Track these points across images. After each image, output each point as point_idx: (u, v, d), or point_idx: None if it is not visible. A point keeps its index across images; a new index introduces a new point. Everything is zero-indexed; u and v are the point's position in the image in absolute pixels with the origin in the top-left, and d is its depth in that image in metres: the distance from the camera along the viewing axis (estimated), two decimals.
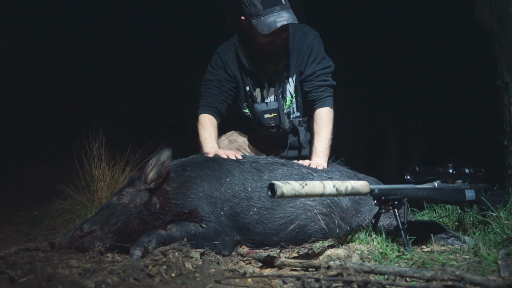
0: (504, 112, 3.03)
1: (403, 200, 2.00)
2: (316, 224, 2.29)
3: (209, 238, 2.08)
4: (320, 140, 2.74)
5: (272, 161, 2.44)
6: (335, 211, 2.33)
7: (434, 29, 5.83)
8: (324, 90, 2.84)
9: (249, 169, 2.33)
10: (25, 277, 1.39)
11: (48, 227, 3.38)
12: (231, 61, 2.81)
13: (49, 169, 5.31)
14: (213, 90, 2.81)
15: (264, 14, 2.52)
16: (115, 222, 2.07)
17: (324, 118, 2.80)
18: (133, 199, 2.13)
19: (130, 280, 1.39)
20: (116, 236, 2.04)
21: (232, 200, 2.20)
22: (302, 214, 2.28)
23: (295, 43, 2.80)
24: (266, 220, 2.23)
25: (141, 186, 2.16)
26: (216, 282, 1.48)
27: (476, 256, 1.79)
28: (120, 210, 2.11)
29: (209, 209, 2.13)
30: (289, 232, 2.26)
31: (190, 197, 2.14)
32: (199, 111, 2.79)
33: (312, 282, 1.46)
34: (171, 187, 2.17)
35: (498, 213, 2.07)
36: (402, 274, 1.43)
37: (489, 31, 3.07)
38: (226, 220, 2.16)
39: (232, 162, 2.36)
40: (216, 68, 2.83)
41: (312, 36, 2.84)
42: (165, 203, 2.14)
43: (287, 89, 2.85)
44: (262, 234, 2.23)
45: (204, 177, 2.22)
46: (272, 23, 2.50)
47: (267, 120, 2.78)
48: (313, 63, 2.83)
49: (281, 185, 1.64)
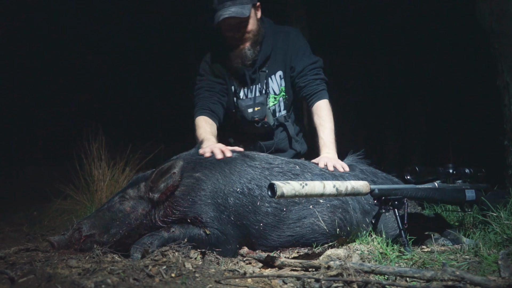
0: (504, 112, 3.04)
1: (403, 200, 2.00)
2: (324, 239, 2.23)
3: (211, 244, 2.03)
4: (325, 131, 2.72)
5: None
6: (345, 230, 2.23)
7: (434, 29, 5.83)
8: (319, 83, 2.86)
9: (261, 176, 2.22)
10: (25, 277, 1.39)
11: (48, 227, 3.38)
12: (218, 63, 2.89)
13: (49, 169, 5.31)
14: (204, 94, 2.86)
15: (218, 9, 2.67)
16: (115, 233, 2.01)
17: (325, 109, 2.80)
18: (135, 208, 2.06)
19: (130, 280, 1.39)
20: (114, 244, 1.99)
21: (238, 211, 2.11)
22: (309, 234, 2.21)
23: (276, 42, 2.87)
24: (270, 236, 2.16)
25: (146, 193, 2.07)
26: (216, 282, 1.48)
27: (477, 256, 1.79)
28: (121, 219, 2.03)
29: (215, 216, 2.06)
30: (292, 244, 2.21)
31: (197, 203, 2.06)
32: (194, 116, 2.82)
33: (312, 282, 1.46)
34: (178, 191, 2.08)
35: (498, 213, 2.07)
36: (402, 274, 1.43)
37: (489, 31, 3.08)
38: (232, 229, 2.09)
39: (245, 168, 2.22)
40: (204, 74, 2.91)
41: (294, 33, 2.93)
42: (170, 209, 2.06)
43: (270, 86, 2.89)
44: (266, 246, 2.18)
45: (214, 181, 2.13)
46: (218, 16, 2.66)
47: (250, 115, 2.83)
48: (303, 58, 2.88)
49: (281, 185, 1.64)
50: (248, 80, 2.85)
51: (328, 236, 2.20)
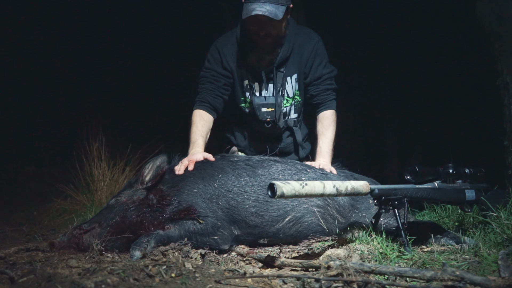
0: (504, 112, 3.03)
1: (403, 200, 2.00)
2: (313, 215, 2.30)
3: (208, 233, 2.11)
4: (325, 140, 2.80)
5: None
6: (331, 204, 2.36)
7: (434, 29, 5.83)
8: (330, 93, 2.89)
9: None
10: (25, 277, 1.39)
11: (48, 227, 3.38)
12: (229, 54, 2.80)
13: (49, 169, 5.32)
14: (207, 85, 2.81)
15: (250, 1, 2.54)
16: (113, 216, 2.11)
17: (329, 119, 2.86)
18: (131, 197, 2.20)
19: (130, 280, 1.39)
20: (114, 229, 2.06)
21: (226, 195, 2.24)
22: (297, 206, 2.31)
23: (297, 43, 2.80)
24: (263, 212, 2.25)
25: (138, 186, 2.23)
26: (216, 282, 1.48)
27: (476, 256, 1.79)
28: (119, 206, 2.16)
29: (205, 205, 2.16)
30: (285, 223, 2.27)
31: (185, 193, 2.19)
32: (193, 107, 2.80)
33: (312, 282, 1.46)
34: (166, 187, 2.23)
35: (498, 213, 2.07)
36: (402, 274, 1.43)
37: (489, 31, 3.07)
38: (223, 214, 2.19)
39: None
40: (212, 63, 2.83)
41: (316, 39, 2.86)
42: (161, 199, 2.18)
43: (285, 88, 2.84)
44: (259, 227, 2.24)
45: (197, 175, 2.27)
46: (250, 10, 2.52)
47: (263, 114, 2.79)
48: (319, 67, 2.86)
49: (281, 185, 1.64)
50: (264, 78, 2.79)
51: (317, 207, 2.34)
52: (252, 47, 2.73)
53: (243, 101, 2.88)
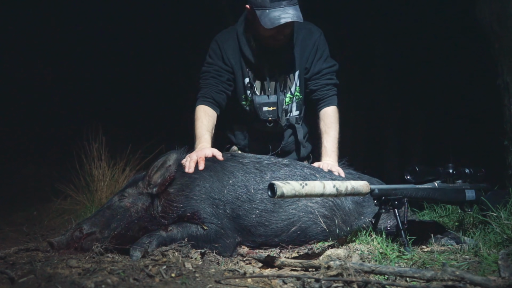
0: (504, 112, 3.03)
1: (403, 200, 2.00)
2: (318, 226, 2.27)
3: (210, 240, 2.05)
4: (329, 139, 2.72)
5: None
6: (337, 214, 2.31)
7: (435, 29, 5.83)
8: (330, 89, 2.82)
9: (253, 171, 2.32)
10: (25, 277, 1.39)
11: (48, 227, 3.38)
12: (230, 50, 2.74)
13: (49, 169, 5.31)
14: (210, 81, 2.75)
15: (270, 8, 2.44)
16: (116, 227, 2.03)
17: (332, 117, 2.78)
18: (135, 203, 2.10)
19: (130, 280, 1.39)
20: (115, 239, 2.00)
21: (234, 202, 2.17)
22: (304, 216, 2.26)
23: (300, 39, 2.76)
24: (268, 222, 2.21)
25: (144, 189, 2.12)
26: (216, 282, 1.48)
27: (476, 256, 1.79)
28: (121, 214, 2.07)
29: (211, 211, 2.11)
30: (290, 234, 2.24)
31: (192, 199, 2.11)
32: (196, 103, 2.74)
33: (312, 282, 1.46)
34: (173, 189, 2.14)
35: (498, 213, 2.07)
36: (402, 274, 1.43)
37: (489, 31, 3.07)
38: (228, 222, 2.14)
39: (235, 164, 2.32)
40: (214, 57, 2.77)
41: (318, 34, 2.81)
42: (167, 205, 2.10)
43: (288, 85, 2.81)
44: (264, 236, 2.21)
45: (207, 178, 2.19)
46: (275, 18, 2.44)
47: (265, 113, 2.74)
48: (319, 61, 2.80)
49: (281, 185, 1.64)
50: (267, 76, 2.75)
51: (323, 217, 2.30)
52: (260, 47, 2.68)
53: (244, 99, 2.83)
